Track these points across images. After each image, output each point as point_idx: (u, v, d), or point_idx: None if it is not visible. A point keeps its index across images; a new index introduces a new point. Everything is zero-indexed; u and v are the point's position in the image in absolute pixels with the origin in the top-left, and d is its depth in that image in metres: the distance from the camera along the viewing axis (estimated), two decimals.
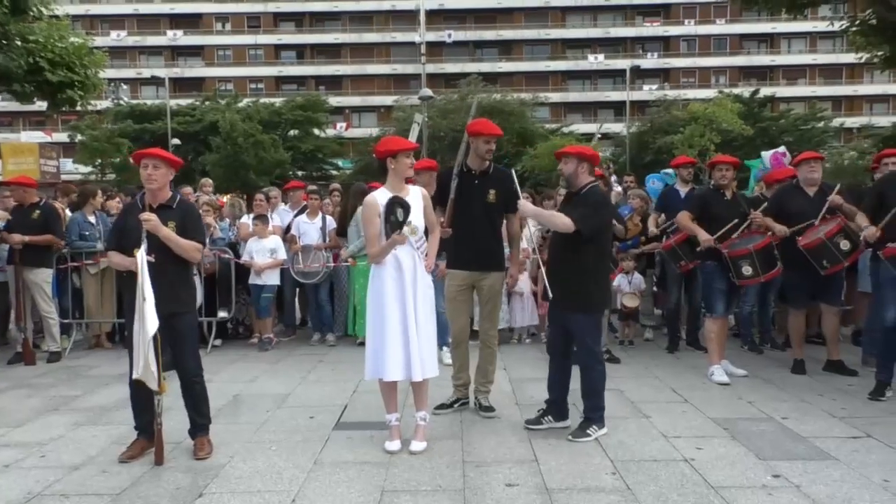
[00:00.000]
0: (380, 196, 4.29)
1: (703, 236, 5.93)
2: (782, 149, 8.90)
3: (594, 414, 4.51)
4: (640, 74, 49.94)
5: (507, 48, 54.57)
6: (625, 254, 7.58)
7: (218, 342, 7.87)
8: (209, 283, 7.83)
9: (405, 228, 4.14)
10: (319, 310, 8.06)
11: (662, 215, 7.47)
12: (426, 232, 4.41)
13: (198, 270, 7.75)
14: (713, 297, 6.03)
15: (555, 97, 50.82)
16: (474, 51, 54.80)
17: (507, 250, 5.49)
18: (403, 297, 4.16)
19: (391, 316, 4.17)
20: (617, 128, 46.01)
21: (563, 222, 4.27)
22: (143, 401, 4.14)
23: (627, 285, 7.49)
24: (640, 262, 7.79)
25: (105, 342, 8.05)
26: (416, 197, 4.34)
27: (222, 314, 7.79)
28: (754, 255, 5.81)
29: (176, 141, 36.77)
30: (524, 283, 7.77)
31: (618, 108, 49.86)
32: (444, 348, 6.81)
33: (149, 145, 42.31)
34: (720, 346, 6.13)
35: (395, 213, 4.07)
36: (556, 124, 44.97)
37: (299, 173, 39.84)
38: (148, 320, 3.76)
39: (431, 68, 51.47)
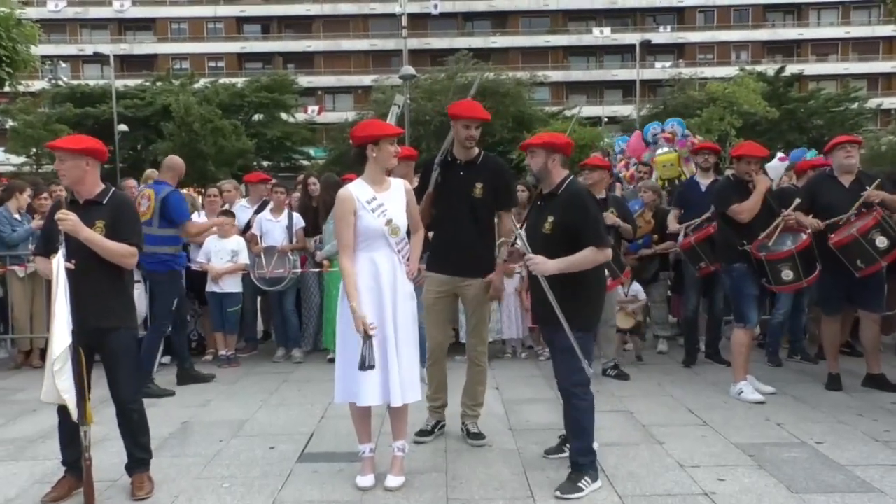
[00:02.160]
0: (355, 189, 4.17)
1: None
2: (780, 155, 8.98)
3: (585, 459, 4.14)
4: (652, 50, 50.12)
5: (500, 20, 54.60)
6: (634, 255, 7.50)
7: (166, 360, 7.72)
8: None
9: (386, 228, 4.06)
10: (284, 322, 7.94)
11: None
12: (409, 233, 4.30)
13: (142, 278, 7.63)
14: (745, 305, 5.93)
15: (555, 76, 50.93)
16: (464, 23, 54.84)
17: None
18: (381, 309, 4.05)
19: (349, 332, 4.07)
20: (626, 110, 46.21)
21: (594, 258, 4.02)
22: (70, 431, 4.00)
23: (623, 297, 7.39)
24: (652, 263, 7.72)
25: (35, 360, 7.89)
26: (398, 192, 4.24)
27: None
28: (796, 258, 5.72)
29: (123, 127, 36.54)
30: (512, 290, 7.68)
31: (627, 88, 50.06)
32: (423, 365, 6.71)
33: (91, 132, 42.06)
34: (748, 360, 6.07)
35: None
36: (557, 107, 45.00)
37: (265, 163, 39.69)
38: (55, 338, 3.63)
39: (415, 43, 51.49)
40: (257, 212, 8.20)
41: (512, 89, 37.20)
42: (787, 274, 5.77)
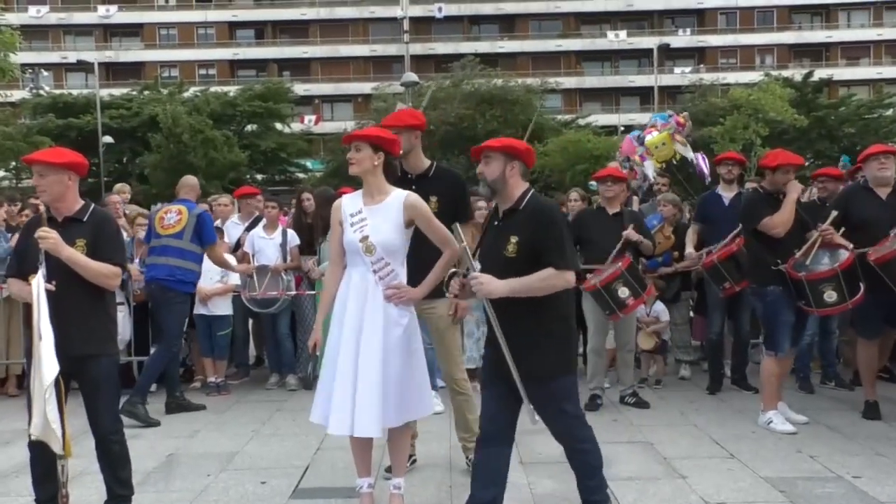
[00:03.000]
0: (346, 200, 4.28)
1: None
2: None
3: (600, 495, 3.95)
4: (671, 54, 50.24)
5: (509, 24, 54.93)
6: (653, 273, 7.47)
7: (153, 387, 7.68)
8: (141, 313, 7.67)
9: (360, 245, 4.07)
10: (278, 346, 7.92)
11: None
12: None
13: (126, 299, 7.63)
14: (779, 332, 5.85)
15: (568, 82, 51.09)
16: (470, 27, 55.17)
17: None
18: (342, 330, 4.10)
19: (331, 350, 4.15)
20: (643, 118, 46.21)
21: (552, 283, 3.62)
22: (45, 465, 3.97)
23: (645, 317, 7.35)
24: (673, 282, 7.68)
25: (11, 389, 7.87)
26: (392, 207, 4.19)
27: None
28: (840, 277, 5.62)
29: (108, 139, 36.76)
30: None
31: (644, 95, 50.18)
32: (432, 392, 6.66)
33: (75, 144, 42.36)
34: (779, 388, 6.02)
35: None
36: (569, 115, 45.14)
37: (258, 177, 39.83)
38: (45, 365, 3.61)
39: (418, 49, 51.87)
40: (249, 229, 8.21)
41: (521, 97, 37.40)
42: (831, 295, 5.65)
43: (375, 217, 4.15)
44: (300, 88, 47.56)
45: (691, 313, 8.13)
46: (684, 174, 11.37)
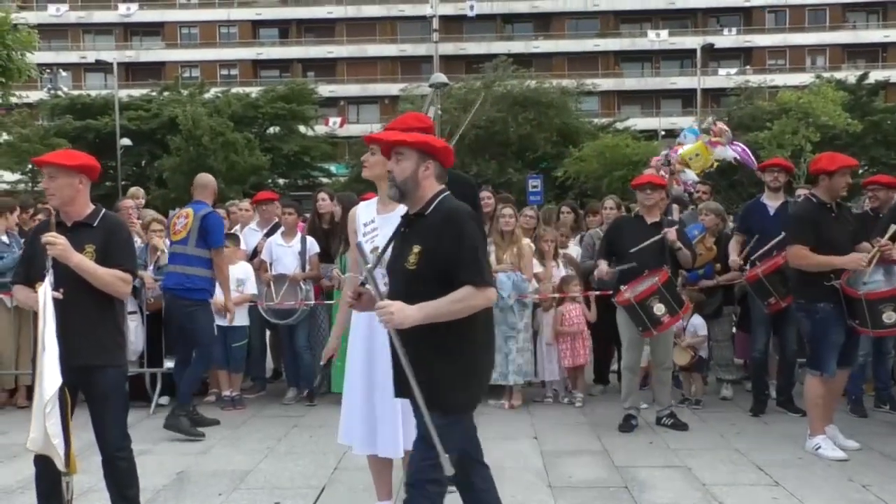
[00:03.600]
0: (361, 209, 4.34)
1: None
2: None
3: None
4: (715, 55, 49.91)
5: (544, 23, 54.92)
6: (693, 286, 7.37)
7: (164, 400, 7.75)
8: (154, 323, 7.72)
9: (369, 257, 4.05)
10: (296, 359, 7.92)
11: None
12: None
13: (139, 308, 7.69)
14: (826, 352, 5.74)
15: (606, 84, 50.99)
16: (503, 26, 55.23)
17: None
18: (369, 346, 4.12)
19: (354, 368, 4.20)
20: (685, 122, 45.95)
21: (471, 303, 3.30)
22: (49, 482, 3.98)
23: (682, 333, 7.26)
24: (714, 296, 7.58)
25: (20, 400, 7.95)
26: (398, 216, 4.18)
27: (169, 364, 7.65)
28: None
29: (126, 141, 37.29)
30: (547, 325, 7.63)
31: (687, 98, 49.86)
32: None
33: (92, 146, 42.95)
34: (828, 411, 5.92)
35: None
36: (607, 118, 44.98)
37: (280, 181, 40.13)
38: (46, 377, 3.63)
39: (449, 49, 51.97)
40: (268, 235, 8.23)
41: (556, 99, 37.36)
42: (890, 316, 5.52)
43: (387, 226, 4.13)
44: (325, 89, 47.90)
45: (734, 329, 8.01)
46: (728, 181, 11.26)
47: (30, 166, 34.84)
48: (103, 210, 4.19)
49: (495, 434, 6.50)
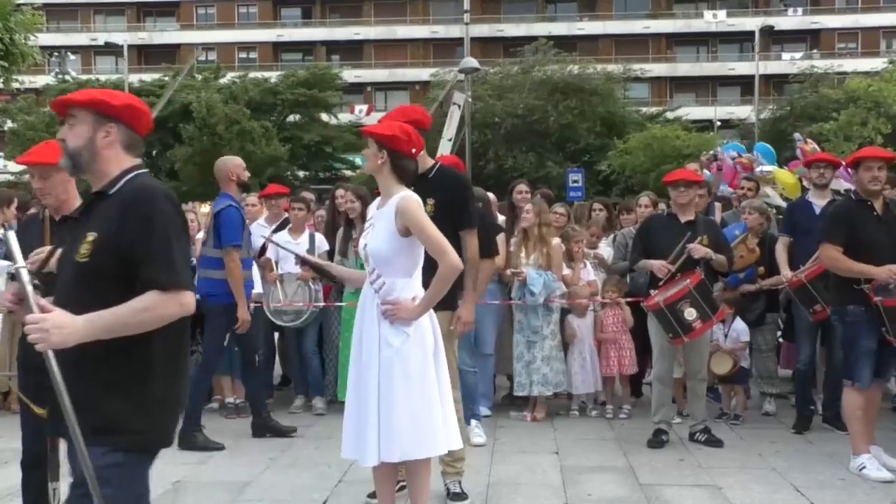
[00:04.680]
0: (373, 204, 4.56)
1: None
2: None
3: None
4: (779, 38, 49.41)
5: (589, 3, 54.75)
6: (728, 294, 7.38)
7: None
8: None
9: (363, 253, 4.22)
10: (304, 364, 8.04)
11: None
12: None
13: None
14: (857, 359, 5.77)
15: (657, 69, 50.69)
16: (544, 7, 55.13)
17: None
18: (358, 350, 4.31)
19: (350, 373, 4.36)
20: (743, 111, 45.57)
21: (162, 314, 2.81)
22: (35, 489, 4.13)
23: (722, 338, 7.27)
24: (757, 302, 7.58)
25: (13, 405, 8.14)
26: (389, 211, 4.29)
27: None
28: None
29: None
30: (586, 332, 7.64)
31: (746, 85, 49.32)
32: (473, 421, 6.73)
33: None
34: (869, 427, 5.90)
35: None
36: (657, 107, 44.69)
37: (300, 173, 40.35)
38: None
39: (485, 30, 52.04)
40: (275, 232, 8.35)
41: (600, 86, 37.20)
42: None
43: (378, 222, 4.30)
44: (351, 74, 48.10)
45: (779, 339, 8.00)
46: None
47: None
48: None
49: (513, 447, 6.63)
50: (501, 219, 8.19)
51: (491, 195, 8.22)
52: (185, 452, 6.53)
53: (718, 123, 44.05)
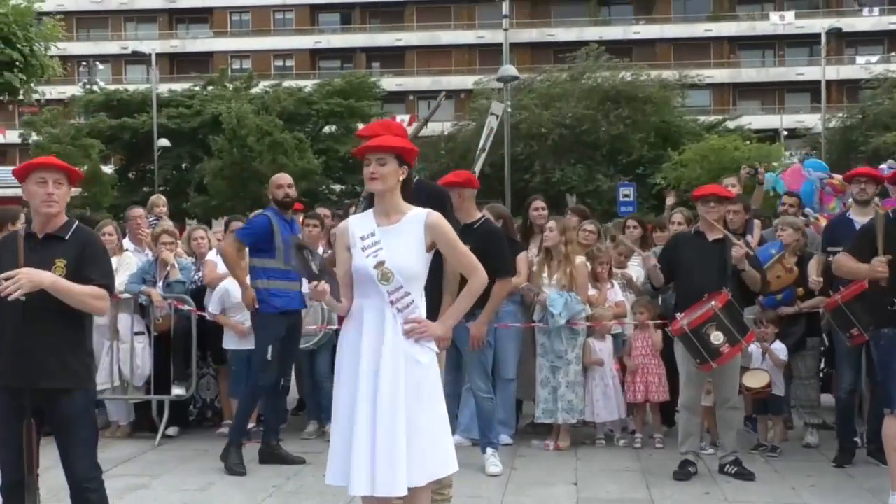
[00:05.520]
0: (354, 222, 4.44)
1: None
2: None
3: None
4: (853, 40, 48.83)
5: (646, 5, 54.65)
6: (770, 312, 7.37)
7: (173, 431, 8.10)
8: (161, 346, 8.10)
9: (375, 272, 4.21)
10: (316, 388, 8.18)
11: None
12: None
13: (146, 329, 8.07)
14: (892, 385, 5.76)
15: (719, 76, 50.42)
16: (598, 9, 55.12)
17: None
18: (356, 375, 4.21)
19: (341, 401, 4.26)
20: (813, 120, 45.06)
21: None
22: None
23: (759, 359, 7.25)
24: (796, 325, 7.55)
25: None
26: (412, 227, 4.37)
27: (178, 391, 8.01)
28: None
29: (164, 142, 38.39)
30: (607, 357, 7.70)
31: (816, 91, 48.72)
32: (489, 450, 6.81)
33: (128, 147, 44.01)
34: None
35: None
36: (718, 115, 44.38)
37: (335, 187, 40.68)
38: None
39: (534, 35, 52.23)
40: None
41: (655, 94, 37.11)
42: None
43: (392, 239, 4.30)
44: (391, 83, 48.60)
45: (822, 366, 7.95)
46: None
47: None
48: (76, 222, 4.48)
49: (531, 478, 6.68)
50: None
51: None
52: (189, 476, 6.77)
53: (785, 133, 43.58)
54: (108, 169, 40.61)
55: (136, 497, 6.25)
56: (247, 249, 7.27)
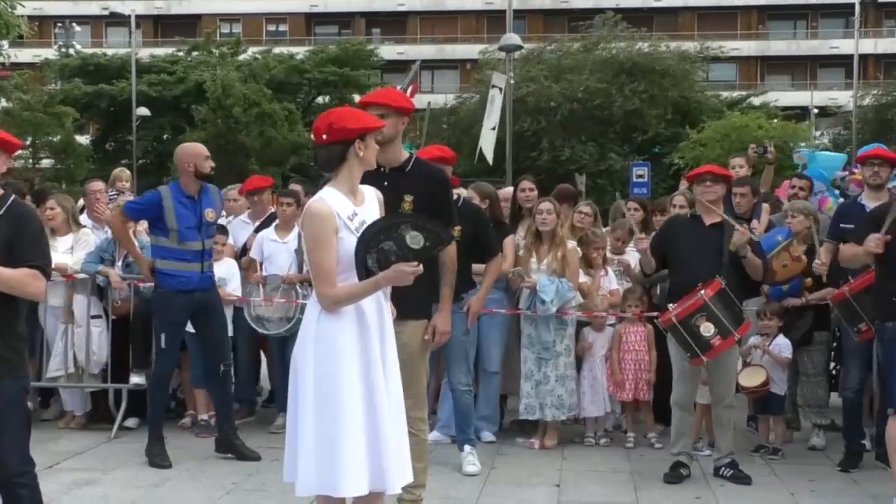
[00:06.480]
0: (334, 203, 4.28)
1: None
2: None
3: None
4: (891, 11, 48.52)
5: None
6: (774, 304, 7.35)
7: (132, 422, 8.07)
8: (120, 330, 8.09)
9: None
10: (286, 378, 8.14)
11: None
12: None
13: (104, 312, 8.05)
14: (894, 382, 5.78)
15: (746, 48, 50.12)
16: None
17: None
18: (369, 366, 4.17)
19: (350, 395, 4.14)
20: (845, 96, 44.88)
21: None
22: None
23: (759, 356, 7.24)
24: (803, 318, 7.53)
25: None
26: (374, 205, 4.39)
27: (136, 380, 7.98)
28: None
29: (143, 111, 38.24)
30: (599, 347, 7.70)
31: (852, 67, 48.60)
32: (466, 447, 6.81)
33: (106, 116, 43.86)
34: None
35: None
36: (743, 91, 44.20)
37: None
38: None
39: (547, 2, 51.99)
40: (259, 229, 8.50)
41: (674, 67, 36.96)
42: None
43: (369, 216, 4.29)
44: (392, 50, 48.44)
45: (831, 363, 7.93)
46: None
47: (30, 139, 35.83)
48: (12, 196, 4.44)
49: (510, 478, 6.69)
50: None
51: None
52: (140, 475, 6.75)
53: (815, 111, 43.43)
54: (83, 139, 40.55)
55: (83, 493, 6.24)
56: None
